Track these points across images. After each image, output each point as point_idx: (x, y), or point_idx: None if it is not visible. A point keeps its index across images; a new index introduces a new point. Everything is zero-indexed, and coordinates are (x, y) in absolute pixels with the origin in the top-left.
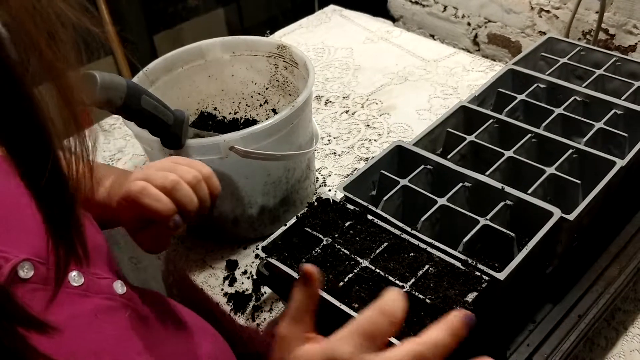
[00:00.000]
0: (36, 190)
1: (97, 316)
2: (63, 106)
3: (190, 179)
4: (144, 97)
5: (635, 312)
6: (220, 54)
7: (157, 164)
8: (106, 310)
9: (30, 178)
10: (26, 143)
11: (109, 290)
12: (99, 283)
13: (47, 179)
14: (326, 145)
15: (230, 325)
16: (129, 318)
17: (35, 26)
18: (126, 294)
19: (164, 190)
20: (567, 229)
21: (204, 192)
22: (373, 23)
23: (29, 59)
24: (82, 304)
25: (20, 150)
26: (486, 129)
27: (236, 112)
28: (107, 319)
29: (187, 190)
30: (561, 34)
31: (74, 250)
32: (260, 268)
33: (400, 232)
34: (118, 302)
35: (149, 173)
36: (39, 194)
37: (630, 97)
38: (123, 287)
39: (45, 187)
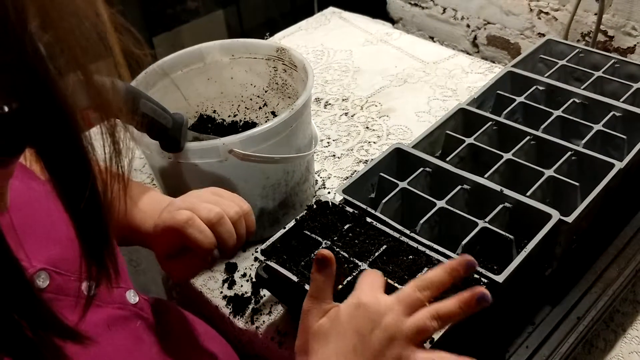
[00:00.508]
0: (75, 211)
1: (109, 327)
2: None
3: (232, 215)
4: (143, 100)
5: (634, 314)
6: (220, 57)
7: (200, 193)
8: (118, 320)
9: (70, 200)
10: (67, 164)
11: (121, 299)
12: (112, 293)
13: (85, 201)
14: (325, 147)
15: (230, 328)
16: (140, 328)
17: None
18: (138, 303)
19: (208, 223)
20: (565, 231)
21: (243, 229)
22: (372, 25)
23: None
24: (95, 314)
25: (61, 171)
26: (485, 131)
27: (235, 114)
28: (119, 329)
29: (229, 226)
30: (560, 35)
31: (106, 271)
32: (259, 271)
33: (399, 234)
34: (130, 312)
35: (194, 202)
36: (77, 215)
37: (629, 99)
38: (136, 297)
39: (84, 208)
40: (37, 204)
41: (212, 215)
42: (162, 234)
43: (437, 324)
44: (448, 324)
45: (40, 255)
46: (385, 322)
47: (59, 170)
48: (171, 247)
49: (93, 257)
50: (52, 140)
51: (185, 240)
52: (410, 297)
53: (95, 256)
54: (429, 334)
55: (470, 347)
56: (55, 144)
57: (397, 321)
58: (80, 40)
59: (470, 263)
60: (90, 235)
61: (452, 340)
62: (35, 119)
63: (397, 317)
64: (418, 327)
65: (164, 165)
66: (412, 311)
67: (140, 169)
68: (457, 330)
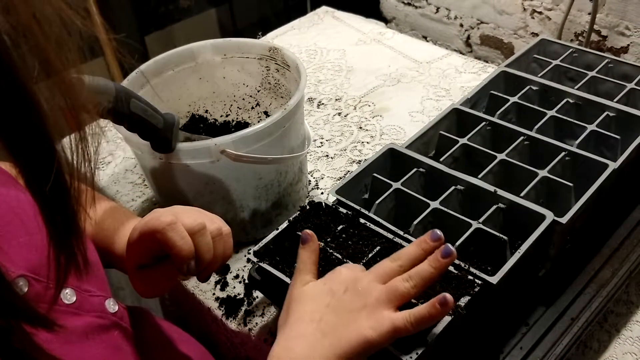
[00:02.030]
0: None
1: (87, 335)
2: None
3: (213, 230)
4: (133, 100)
5: (627, 314)
6: (212, 56)
7: (184, 207)
8: (97, 329)
9: (35, 182)
10: (31, 147)
11: (100, 308)
12: (91, 301)
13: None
14: (318, 147)
15: (222, 329)
16: (118, 337)
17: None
18: (118, 312)
19: (190, 231)
20: (559, 232)
21: (221, 249)
22: (365, 24)
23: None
24: (73, 322)
25: (25, 155)
26: (479, 131)
27: (227, 114)
28: (97, 338)
29: (209, 239)
30: (554, 35)
31: (74, 259)
32: (252, 272)
33: (393, 235)
34: (109, 321)
35: (177, 211)
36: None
37: (623, 99)
38: (115, 306)
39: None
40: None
41: (195, 224)
42: (140, 239)
43: (410, 284)
44: (421, 283)
45: (19, 261)
46: (359, 284)
47: (23, 154)
48: (146, 254)
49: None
50: (14, 123)
51: (164, 246)
52: (383, 266)
53: (63, 243)
54: (403, 295)
55: (464, 348)
56: (18, 127)
57: (370, 284)
58: (43, 26)
59: (434, 233)
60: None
61: (446, 341)
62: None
63: (371, 281)
64: (389, 288)
65: (155, 166)
66: (386, 280)
67: (132, 169)
68: (451, 331)
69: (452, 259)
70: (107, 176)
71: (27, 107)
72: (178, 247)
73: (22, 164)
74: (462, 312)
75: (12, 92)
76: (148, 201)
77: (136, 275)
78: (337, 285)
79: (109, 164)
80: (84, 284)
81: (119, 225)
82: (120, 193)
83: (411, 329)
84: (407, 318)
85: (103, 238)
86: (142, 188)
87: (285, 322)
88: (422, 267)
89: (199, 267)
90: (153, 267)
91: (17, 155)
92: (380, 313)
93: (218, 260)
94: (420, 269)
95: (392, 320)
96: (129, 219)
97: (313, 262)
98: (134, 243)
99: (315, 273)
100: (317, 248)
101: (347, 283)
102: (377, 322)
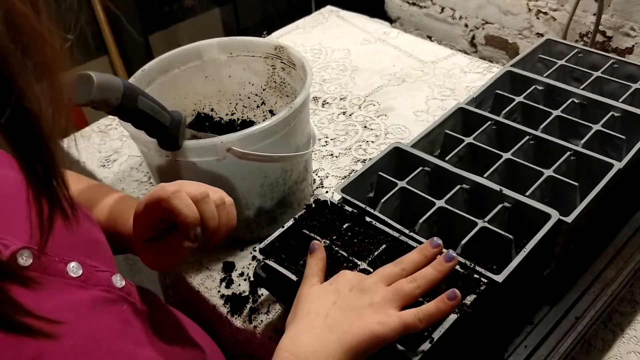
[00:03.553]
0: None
1: (95, 307)
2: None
3: (216, 199)
4: (141, 97)
5: (632, 314)
6: (217, 55)
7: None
8: (104, 302)
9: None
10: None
11: (107, 282)
12: (98, 276)
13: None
14: (323, 146)
15: (227, 327)
16: (127, 311)
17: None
18: (125, 287)
19: (194, 199)
20: (564, 231)
21: (224, 218)
22: (370, 24)
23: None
24: (80, 295)
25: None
26: (484, 130)
27: (233, 113)
28: (105, 311)
29: (213, 206)
30: (559, 35)
31: (58, 202)
32: (257, 270)
33: (399, 234)
34: (116, 295)
35: (181, 182)
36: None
37: (628, 100)
38: (122, 281)
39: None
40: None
41: (198, 192)
42: (146, 210)
43: (414, 285)
44: (426, 285)
45: (23, 235)
46: (364, 283)
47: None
48: (152, 226)
49: (40, 187)
50: None
51: (170, 214)
52: (386, 269)
53: (43, 186)
54: (408, 295)
55: (469, 345)
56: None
57: (375, 284)
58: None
59: (434, 241)
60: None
61: (452, 338)
62: None
63: (376, 281)
64: (394, 288)
65: (161, 164)
66: (391, 281)
67: (137, 167)
68: (457, 329)
69: (454, 264)
70: (112, 174)
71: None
72: (184, 214)
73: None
74: (468, 310)
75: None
76: None
77: (144, 249)
78: (342, 285)
79: (114, 161)
80: (90, 260)
81: (127, 208)
82: (125, 191)
83: (420, 325)
84: (416, 314)
85: (112, 222)
86: (148, 186)
87: (292, 319)
88: (426, 270)
89: (204, 235)
90: (160, 240)
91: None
92: (387, 310)
93: (222, 229)
94: (424, 272)
95: (400, 317)
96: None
97: (320, 269)
98: (140, 215)
99: (322, 278)
100: (324, 257)
101: (352, 283)
102: (385, 317)
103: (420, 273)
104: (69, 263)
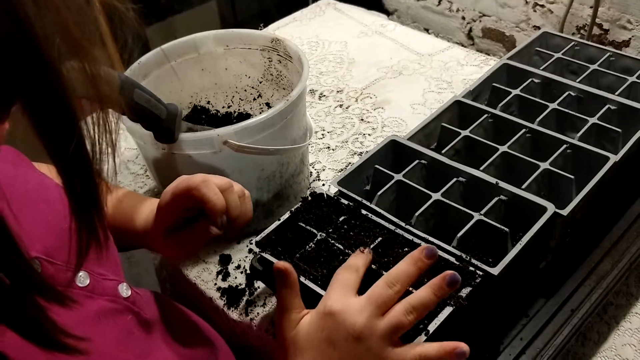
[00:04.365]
0: (63, 165)
1: (99, 319)
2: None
3: (237, 190)
4: (137, 90)
5: (627, 306)
6: (214, 47)
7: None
8: (109, 312)
9: (58, 153)
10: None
11: (113, 292)
12: (104, 284)
13: (72, 153)
14: (320, 139)
15: (224, 319)
16: (131, 322)
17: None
18: (130, 297)
19: (220, 188)
20: (560, 224)
21: (245, 207)
22: (367, 16)
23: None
24: (86, 305)
25: (46, 123)
26: (481, 123)
27: (230, 105)
28: (110, 321)
29: (236, 196)
30: (555, 28)
31: (94, 232)
32: (253, 263)
33: (395, 227)
34: (121, 305)
35: (205, 174)
36: (66, 169)
37: (624, 93)
38: (128, 290)
39: (71, 160)
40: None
41: (224, 182)
42: (173, 200)
43: (413, 316)
44: (425, 313)
45: (34, 244)
46: (358, 328)
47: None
48: (178, 215)
49: (82, 217)
50: (36, 92)
51: (199, 201)
52: (381, 295)
53: (84, 217)
54: (407, 329)
55: (465, 338)
56: (40, 96)
57: (370, 324)
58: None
59: (429, 250)
60: (78, 193)
61: (447, 332)
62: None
63: (370, 320)
64: (392, 325)
65: (157, 157)
66: (385, 309)
67: (134, 160)
68: (452, 322)
69: (456, 288)
70: None
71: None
72: (213, 201)
73: (43, 134)
74: (463, 303)
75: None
76: (150, 192)
77: (166, 239)
78: (335, 333)
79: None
80: (98, 267)
81: (137, 204)
82: (122, 184)
83: None
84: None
85: (121, 218)
86: (144, 179)
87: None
88: (425, 296)
89: (229, 222)
90: (184, 229)
91: (39, 125)
92: (387, 354)
93: (243, 218)
94: (424, 299)
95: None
96: (146, 199)
97: (294, 296)
98: (166, 205)
99: (301, 306)
100: (295, 280)
101: (345, 328)
102: None
103: (419, 300)
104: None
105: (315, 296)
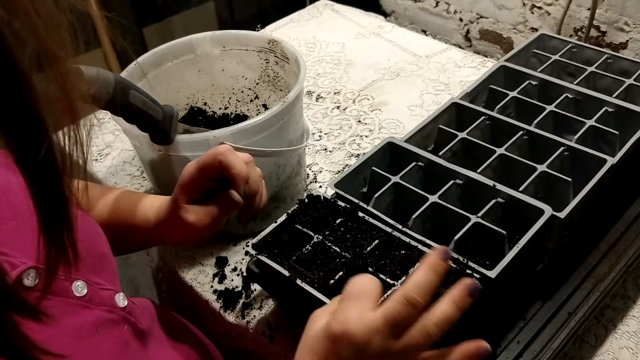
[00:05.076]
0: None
1: (96, 330)
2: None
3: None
4: (132, 92)
5: (624, 309)
6: (211, 48)
7: None
8: (105, 323)
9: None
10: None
11: (110, 302)
12: (101, 294)
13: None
14: (317, 141)
15: (220, 322)
16: (127, 333)
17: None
18: (127, 307)
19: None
20: (557, 227)
21: (263, 188)
22: (365, 18)
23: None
24: (84, 315)
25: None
26: (478, 125)
27: (226, 107)
28: (107, 333)
29: (257, 171)
30: (553, 30)
31: (64, 250)
32: (250, 265)
33: (392, 229)
34: (118, 316)
35: None
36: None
37: (622, 95)
38: (125, 300)
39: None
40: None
41: (246, 156)
42: (198, 169)
43: (436, 335)
44: (448, 329)
45: (31, 251)
46: (372, 351)
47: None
48: (202, 186)
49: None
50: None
51: (225, 168)
52: (399, 314)
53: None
54: (427, 347)
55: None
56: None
57: (385, 347)
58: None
59: (445, 252)
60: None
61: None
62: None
63: (385, 343)
64: (409, 346)
65: (153, 158)
66: (402, 330)
67: (130, 161)
68: None
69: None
70: (105, 168)
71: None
72: (238, 167)
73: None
74: None
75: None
76: None
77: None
78: (347, 352)
79: (106, 156)
80: (95, 277)
81: (139, 199)
82: (118, 185)
83: None
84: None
85: (121, 216)
86: (140, 180)
87: None
88: (448, 311)
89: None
90: (207, 201)
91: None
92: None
93: (258, 200)
94: (447, 315)
95: None
96: (145, 194)
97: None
98: (189, 177)
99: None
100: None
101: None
102: None
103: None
104: (74, 281)
105: (312, 299)
